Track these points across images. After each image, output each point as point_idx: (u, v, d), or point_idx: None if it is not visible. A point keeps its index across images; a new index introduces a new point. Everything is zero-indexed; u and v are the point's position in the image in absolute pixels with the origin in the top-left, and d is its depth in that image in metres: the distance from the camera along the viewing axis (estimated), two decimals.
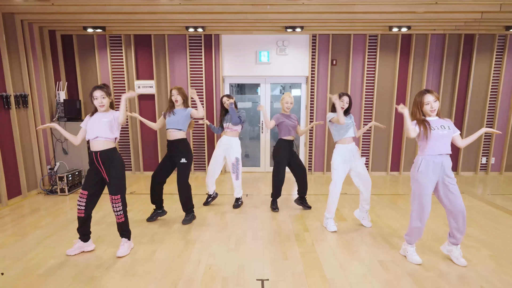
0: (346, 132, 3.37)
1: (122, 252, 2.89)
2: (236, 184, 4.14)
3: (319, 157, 6.04)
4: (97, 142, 2.76)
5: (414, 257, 2.78)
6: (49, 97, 5.24)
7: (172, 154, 3.56)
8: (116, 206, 2.83)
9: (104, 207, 4.20)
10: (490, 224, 3.65)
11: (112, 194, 2.81)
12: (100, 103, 2.76)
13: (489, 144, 5.95)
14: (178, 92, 3.54)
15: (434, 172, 2.63)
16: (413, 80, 5.79)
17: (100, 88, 2.78)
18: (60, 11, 4.32)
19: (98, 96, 2.76)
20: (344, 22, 4.99)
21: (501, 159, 6.00)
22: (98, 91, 2.76)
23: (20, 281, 2.52)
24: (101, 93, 2.76)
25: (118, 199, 2.82)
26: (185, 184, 3.57)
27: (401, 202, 4.43)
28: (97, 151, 2.76)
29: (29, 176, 4.77)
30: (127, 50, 5.67)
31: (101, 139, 2.76)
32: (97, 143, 2.76)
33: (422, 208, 2.66)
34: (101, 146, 2.76)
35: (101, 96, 2.77)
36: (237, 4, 4.20)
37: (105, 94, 2.79)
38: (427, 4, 4.16)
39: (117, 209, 2.83)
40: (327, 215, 3.50)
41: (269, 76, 5.85)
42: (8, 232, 3.43)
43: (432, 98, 2.57)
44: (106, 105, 2.81)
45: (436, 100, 2.58)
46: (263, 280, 2.53)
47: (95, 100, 2.77)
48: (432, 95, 2.57)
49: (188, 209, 3.68)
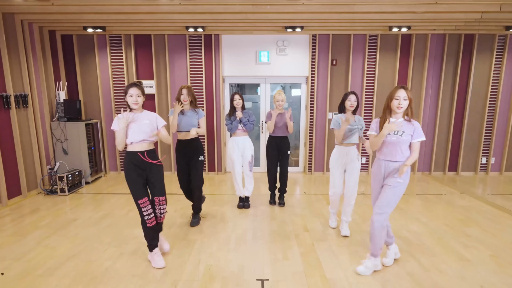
0: (349, 137, 3.25)
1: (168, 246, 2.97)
2: (250, 182, 4.17)
3: (319, 157, 6.04)
4: (141, 144, 2.69)
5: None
6: (49, 97, 5.23)
7: (188, 153, 3.51)
8: (162, 207, 2.79)
9: (103, 207, 4.21)
10: (490, 224, 3.65)
11: (160, 195, 2.76)
12: (135, 101, 2.66)
13: (489, 144, 5.95)
14: (188, 92, 3.43)
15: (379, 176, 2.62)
16: (413, 80, 5.79)
17: (136, 86, 2.67)
18: (60, 11, 4.32)
19: (134, 94, 2.65)
20: (344, 22, 4.99)
21: (501, 159, 6.00)
22: (135, 88, 2.66)
23: (20, 281, 2.52)
24: (137, 91, 2.66)
25: (164, 200, 2.79)
26: (202, 181, 3.60)
27: (401, 202, 4.43)
28: (143, 151, 2.69)
29: (29, 176, 4.77)
30: (127, 50, 5.67)
31: (147, 141, 2.71)
32: (140, 145, 2.69)
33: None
34: (146, 147, 2.71)
35: (137, 95, 2.66)
36: (237, 4, 4.20)
37: (141, 93, 2.69)
38: (427, 4, 4.16)
39: (163, 210, 2.81)
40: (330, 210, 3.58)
41: (269, 76, 5.85)
42: (8, 232, 3.43)
43: (403, 95, 2.46)
44: (139, 104, 2.70)
45: (407, 99, 2.46)
46: (263, 280, 2.53)
47: (129, 97, 2.66)
48: (405, 92, 2.47)
49: (198, 209, 3.68)
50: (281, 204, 4.30)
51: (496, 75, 5.72)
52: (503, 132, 5.89)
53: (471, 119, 5.87)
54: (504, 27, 5.22)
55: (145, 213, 2.67)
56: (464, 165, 6.06)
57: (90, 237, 3.30)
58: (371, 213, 3.96)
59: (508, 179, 5.74)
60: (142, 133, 2.66)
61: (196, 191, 3.56)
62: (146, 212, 2.67)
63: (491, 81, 5.70)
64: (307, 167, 6.07)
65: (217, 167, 6.02)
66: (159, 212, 2.79)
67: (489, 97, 5.76)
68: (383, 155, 2.57)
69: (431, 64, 5.74)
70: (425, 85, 5.76)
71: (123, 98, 5.76)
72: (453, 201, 4.50)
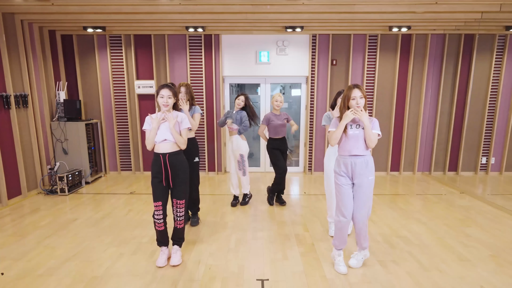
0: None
1: (177, 261, 2.76)
2: (243, 180, 4.21)
3: (319, 157, 6.04)
4: (164, 145, 2.67)
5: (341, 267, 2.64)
6: (49, 97, 5.23)
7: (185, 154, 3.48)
8: (179, 211, 2.75)
9: (103, 207, 4.21)
10: (490, 224, 3.65)
11: (178, 198, 2.73)
12: (166, 102, 2.63)
13: (489, 144, 5.95)
14: (186, 89, 3.35)
15: (346, 173, 2.58)
16: (413, 80, 5.79)
17: (168, 87, 2.65)
18: (60, 11, 4.32)
19: (165, 95, 2.62)
20: (344, 22, 4.99)
21: (501, 159, 6.00)
22: (166, 90, 2.64)
23: (20, 281, 2.52)
24: (168, 92, 2.63)
25: (183, 204, 2.76)
26: (198, 182, 3.60)
27: (401, 202, 4.43)
28: (165, 153, 2.66)
29: (29, 176, 4.77)
30: (127, 50, 5.67)
31: (169, 142, 2.67)
32: (163, 146, 2.67)
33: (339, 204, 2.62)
34: (168, 149, 2.68)
35: (168, 96, 2.63)
36: (237, 4, 4.20)
37: (172, 94, 2.66)
38: (427, 4, 4.16)
39: (180, 214, 2.76)
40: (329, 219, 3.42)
41: (269, 76, 5.85)
42: (8, 232, 3.43)
43: (359, 94, 2.49)
44: (170, 106, 2.66)
45: (363, 97, 2.50)
46: (263, 280, 2.53)
47: (160, 98, 2.63)
48: (360, 91, 2.50)
49: (197, 210, 3.69)
50: (283, 203, 4.31)
51: (496, 75, 5.72)
52: (503, 132, 5.89)
53: (471, 119, 5.87)
54: (504, 27, 5.22)
55: (156, 217, 2.71)
56: (464, 165, 6.05)
57: (90, 237, 3.30)
58: (372, 213, 3.96)
59: (508, 179, 5.74)
60: (164, 134, 2.65)
61: (194, 193, 3.57)
62: (156, 216, 2.71)
63: (491, 81, 5.70)
64: (307, 167, 6.07)
65: (217, 167, 6.02)
66: (176, 216, 2.77)
67: (489, 97, 5.76)
68: (347, 151, 2.57)
69: (431, 64, 5.74)
70: (425, 85, 5.76)
71: (123, 98, 5.77)
72: (453, 201, 4.50)
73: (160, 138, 2.66)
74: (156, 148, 2.69)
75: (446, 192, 4.93)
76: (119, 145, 5.94)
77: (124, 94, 5.77)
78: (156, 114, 2.67)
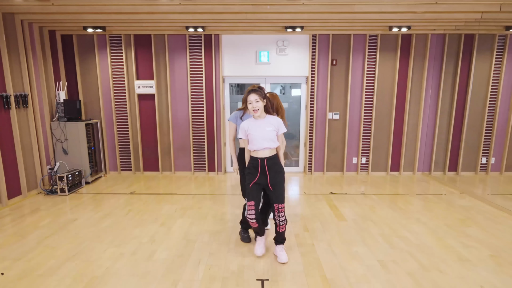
0: None
1: (285, 258, 2.81)
2: None
3: (319, 157, 6.04)
4: (263, 151, 2.67)
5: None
6: (49, 97, 5.23)
7: None
8: (281, 215, 2.76)
9: (103, 207, 4.21)
10: (490, 224, 3.65)
11: (279, 202, 2.73)
12: (254, 107, 2.59)
13: (489, 144, 5.95)
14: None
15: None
16: (413, 80, 5.79)
17: (254, 92, 2.59)
18: (60, 11, 4.32)
19: (252, 100, 2.58)
20: (344, 22, 4.99)
21: (501, 159, 6.00)
22: (252, 94, 2.59)
23: (20, 281, 2.52)
24: (255, 96, 2.57)
25: (283, 207, 2.76)
26: None
27: (401, 202, 4.43)
28: (264, 158, 2.67)
29: (29, 176, 4.77)
30: (127, 50, 5.66)
31: (268, 148, 2.67)
32: (263, 152, 2.67)
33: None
34: (267, 154, 2.68)
35: (255, 100, 2.58)
36: (237, 4, 4.20)
37: (259, 97, 2.59)
38: (427, 4, 4.16)
39: (282, 218, 2.76)
40: None
41: (269, 76, 5.85)
42: (8, 232, 3.43)
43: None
44: (260, 109, 2.62)
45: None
46: (263, 280, 2.53)
47: (249, 104, 2.61)
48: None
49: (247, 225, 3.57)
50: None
51: (496, 75, 5.72)
52: (503, 132, 5.90)
53: (471, 119, 5.87)
54: (504, 27, 5.22)
55: (249, 217, 2.73)
56: (464, 165, 6.06)
57: (90, 237, 3.30)
58: (372, 213, 3.96)
59: (508, 179, 5.74)
60: (265, 141, 2.63)
61: None
62: (250, 216, 2.73)
63: (491, 81, 5.70)
64: (307, 167, 6.07)
65: (217, 167, 6.02)
66: (277, 220, 2.78)
67: (489, 97, 5.76)
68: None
69: (431, 64, 5.74)
70: (425, 85, 5.76)
71: (123, 98, 5.77)
72: (453, 201, 4.50)
73: (259, 146, 2.65)
74: (255, 153, 2.69)
75: (446, 192, 4.93)
76: (119, 145, 5.94)
77: (124, 94, 5.77)
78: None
